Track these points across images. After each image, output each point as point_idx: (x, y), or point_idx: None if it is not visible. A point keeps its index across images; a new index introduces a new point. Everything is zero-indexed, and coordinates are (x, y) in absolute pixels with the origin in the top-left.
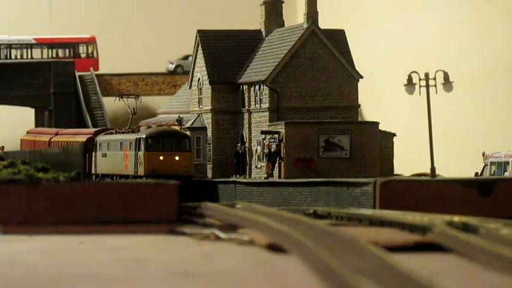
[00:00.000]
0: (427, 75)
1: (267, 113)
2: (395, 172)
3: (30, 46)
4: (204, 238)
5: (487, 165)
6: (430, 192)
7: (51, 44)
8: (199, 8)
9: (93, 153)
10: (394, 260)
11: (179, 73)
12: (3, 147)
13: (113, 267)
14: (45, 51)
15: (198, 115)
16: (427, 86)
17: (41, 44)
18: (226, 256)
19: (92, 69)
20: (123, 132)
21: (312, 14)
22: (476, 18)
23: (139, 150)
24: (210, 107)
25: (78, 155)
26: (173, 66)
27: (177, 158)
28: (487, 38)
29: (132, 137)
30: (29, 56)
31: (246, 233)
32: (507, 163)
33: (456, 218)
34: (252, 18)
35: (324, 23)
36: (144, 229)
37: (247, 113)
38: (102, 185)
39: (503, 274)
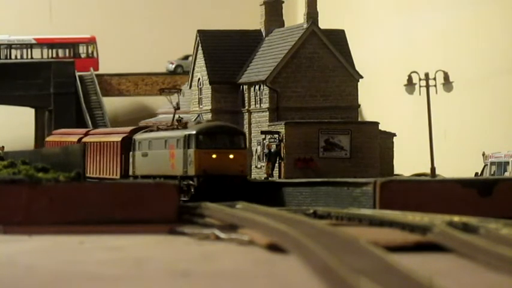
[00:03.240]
0: (427, 75)
1: (267, 113)
2: (395, 172)
3: (30, 46)
4: (204, 238)
5: (487, 165)
6: (430, 192)
7: (51, 44)
8: (199, 8)
9: (131, 153)
10: (394, 260)
11: (179, 73)
12: (3, 147)
13: (112, 267)
14: (45, 51)
15: (198, 115)
16: (427, 86)
17: (41, 44)
18: (226, 256)
19: (92, 69)
20: (167, 129)
21: (312, 14)
22: (476, 19)
23: (189, 148)
24: (210, 107)
25: (78, 155)
26: (173, 66)
27: (231, 156)
28: (487, 38)
29: (180, 133)
30: (29, 56)
31: (246, 233)
32: (507, 163)
33: (456, 218)
34: (252, 18)
35: (324, 23)
36: (144, 229)
37: (247, 113)
38: (102, 185)
39: (503, 274)
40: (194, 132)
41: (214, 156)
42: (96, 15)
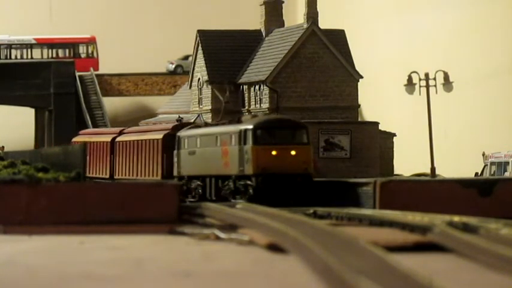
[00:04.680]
0: (427, 75)
1: (268, 113)
2: (395, 172)
3: (30, 46)
4: (204, 238)
5: (487, 165)
6: (430, 192)
7: (51, 44)
8: (199, 8)
9: (175, 151)
10: (394, 260)
11: (179, 73)
12: (3, 147)
13: (113, 267)
14: (45, 51)
15: (198, 115)
16: (427, 86)
17: (41, 44)
18: (226, 256)
19: (92, 69)
20: (217, 124)
21: (312, 14)
22: (477, 19)
23: (245, 144)
24: (210, 107)
25: (78, 155)
26: (173, 66)
27: (293, 152)
28: (487, 38)
29: (235, 128)
30: (29, 56)
31: (246, 233)
32: (507, 163)
33: (456, 218)
34: (252, 18)
35: (324, 23)
36: (144, 229)
37: (247, 113)
38: (102, 185)
39: (503, 274)
40: (251, 126)
41: (274, 152)
42: (96, 15)
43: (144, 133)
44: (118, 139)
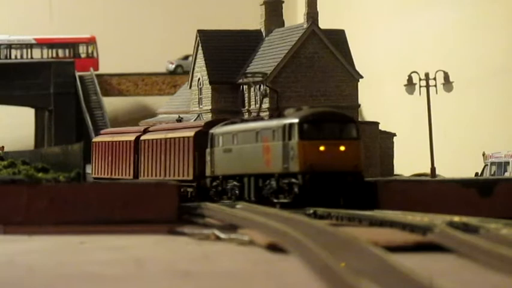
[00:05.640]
0: (427, 75)
1: (267, 113)
2: (395, 172)
3: (30, 46)
4: (204, 238)
5: (487, 165)
6: (430, 192)
7: (51, 44)
8: (199, 8)
9: (208, 150)
10: (394, 260)
11: (179, 73)
12: (3, 147)
13: (113, 267)
14: (45, 51)
15: (198, 115)
16: (427, 86)
17: (41, 44)
18: (226, 256)
19: (92, 69)
20: (255, 120)
21: (312, 14)
22: (477, 19)
23: (290, 140)
24: (210, 107)
25: (78, 155)
26: (173, 66)
27: (342, 148)
28: (487, 38)
29: (278, 123)
30: (29, 56)
31: (246, 233)
32: (507, 163)
33: (456, 218)
34: (252, 18)
35: (324, 23)
36: (144, 229)
37: (247, 113)
38: (102, 185)
39: (503, 274)
40: (297, 120)
41: (322, 148)
42: (96, 15)
43: (173, 131)
44: (143, 138)
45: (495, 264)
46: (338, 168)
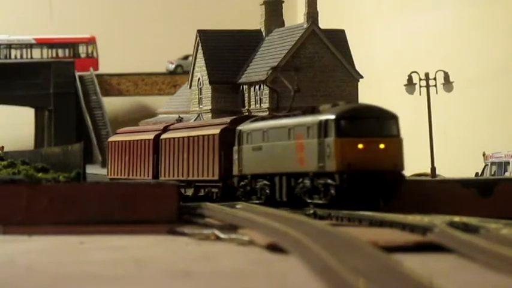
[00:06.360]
0: (427, 75)
1: (267, 113)
2: None
3: (30, 46)
4: (204, 238)
5: (487, 165)
6: (430, 192)
7: (51, 44)
8: (199, 8)
9: (235, 147)
10: (394, 260)
11: (179, 73)
12: (3, 147)
13: (112, 267)
14: (45, 51)
15: (198, 115)
16: (427, 86)
17: (41, 44)
18: (226, 256)
19: (91, 69)
20: (287, 116)
21: (312, 14)
22: (477, 19)
23: (326, 137)
24: (210, 107)
25: (78, 155)
26: (173, 66)
27: (381, 146)
28: (487, 38)
29: (313, 119)
30: (29, 56)
31: (246, 233)
32: (507, 163)
33: (456, 218)
34: (252, 18)
35: (324, 23)
36: (144, 229)
37: (247, 113)
38: (102, 185)
39: (503, 274)
40: (333, 116)
41: (360, 146)
42: (96, 15)
43: (195, 129)
44: (163, 136)
45: (495, 264)
46: (377, 167)
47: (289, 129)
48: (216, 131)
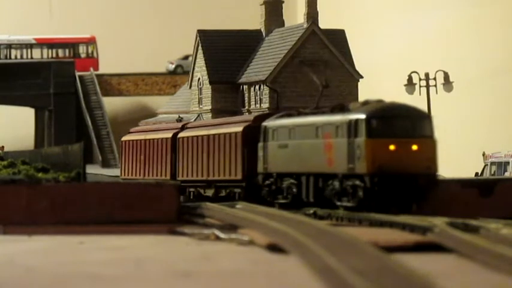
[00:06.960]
0: (427, 75)
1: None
2: None
3: (30, 46)
4: (204, 238)
5: (487, 165)
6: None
7: (51, 44)
8: (199, 8)
9: (260, 144)
10: (394, 260)
11: (179, 73)
12: (3, 147)
13: (113, 267)
14: (45, 51)
15: (198, 115)
16: (427, 86)
17: (41, 44)
18: (226, 256)
19: (92, 69)
20: (316, 113)
21: (312, 14)
22: (477, 19)
23: (356, 137)
24: (210, 107)
25: (78, 155)
26: (173, 66)
27: (414, 147)
28: (487, 38)
29: (342, 118)
30: (29, 56)
31: (246, 233)
32: (507, 163)
33: (456, 218)
34: (252, 18)
35: (324, 23)
36: (144, 229)
37: (247, 113)
38: (102, 185)
39: (503, 274)
40: (364, 116)
41: (392, 147)
42: (96, 15)
43: (215, 127)
44: (181, 135)
45: (495, 264)
46: (410, 169)
47: (316, 128)
48: (239, 128)
